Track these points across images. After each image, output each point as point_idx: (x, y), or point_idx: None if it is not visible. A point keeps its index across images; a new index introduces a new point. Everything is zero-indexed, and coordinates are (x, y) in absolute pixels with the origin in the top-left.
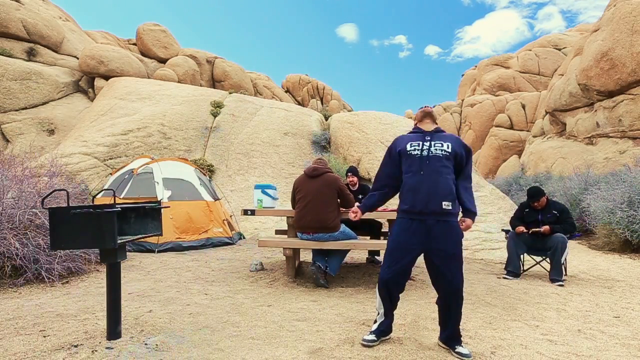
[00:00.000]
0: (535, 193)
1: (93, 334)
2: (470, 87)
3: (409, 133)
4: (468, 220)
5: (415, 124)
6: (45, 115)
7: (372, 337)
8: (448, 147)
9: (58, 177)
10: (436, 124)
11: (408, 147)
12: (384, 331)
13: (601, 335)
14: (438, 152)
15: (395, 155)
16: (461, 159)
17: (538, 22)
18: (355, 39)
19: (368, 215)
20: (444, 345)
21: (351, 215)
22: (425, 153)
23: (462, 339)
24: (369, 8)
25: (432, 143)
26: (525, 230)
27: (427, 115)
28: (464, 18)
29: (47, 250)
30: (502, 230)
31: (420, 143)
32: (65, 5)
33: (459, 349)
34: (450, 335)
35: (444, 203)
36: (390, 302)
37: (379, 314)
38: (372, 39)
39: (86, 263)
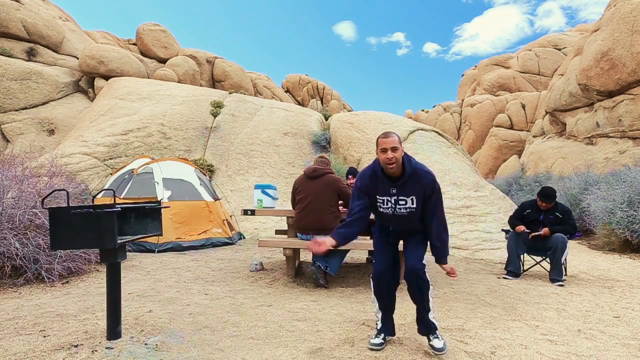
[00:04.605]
0: (551, 194)
1: (93, 334)
2: (470, 87)
3: (376, 174)
4: (448, 267)
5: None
6: (45, 115)
7: (379, 340)
8: (412, 203)
9: (58, 177)
10: (399, 153)
11: (377, 200)
12: (388, 331)
13: (601, 335)
14: (402, 211)
15: (365, 193)
16: (428, 200)
17: (538, 19)
18: (353, 37)
19: None
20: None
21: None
22: (393, 212)
23: (438, 331)
24: (366, 5)
25: (397, 200)
26: (525, 230)
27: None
28: (462, 15)
29: (47, 250)
30: (502, 230)
31: (386, 200)
32: (65, 5)
33: (433, 341)
34: (425, 325)
35: (414, 229)
36: (388, 298)
37: (378, 320)
38: (370, 36)
39: (86, 263)
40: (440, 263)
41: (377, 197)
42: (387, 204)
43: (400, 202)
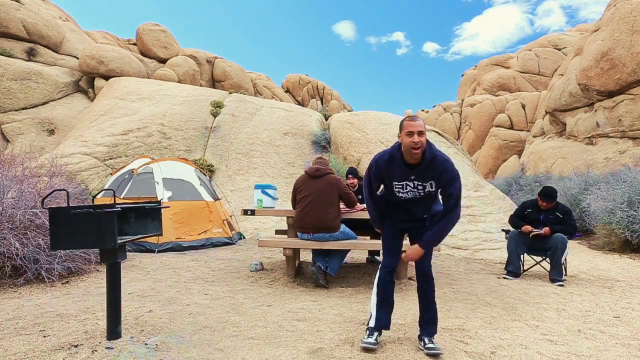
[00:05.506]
0: (552, 194)
1: (93, 334)
2: (470, 87)
3: (393, 159)
4: (415, 248)
5: (400, 144)
6: (45, 115)
7: (373, 339)
8: (431, 187)
9: (58, 177)
10: (424, 138)
11: (395, 186)
12: (382, 325)
13: (601, 335)
14: (421, 193)
15: (378, 180)
16: (445, 185)
17: (538, 18)
18: (352, 36)
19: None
20: (420, 346)
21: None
22: (409, 195)
23: (435, 334)
24: (366, 4)
25: (416, 184)
26: (531, 230)
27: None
28: (462, 15)
29: (47, 250)
30: (502, 230)
31: (405, 184)
32: (65, 5)
33: (429, 344)
34: (428, 321)
35: (424, 217)
36: (390, 293)
37: (372, 317)
38: (370, 36)
39: (86, 263)
40: (419, 244)
41: (395, 183)
42: (406, 188)
43: (419, 188)
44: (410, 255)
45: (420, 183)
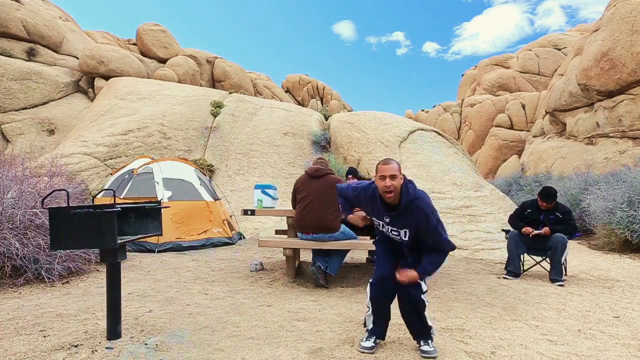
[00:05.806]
0: (552, 194)
1: (93, 334)
2: (470, 87)
3: (375, 196)
4: (411, 271)
5: (377, 182)
6: (45, 115)
7: (371, 343)
8: (405, 235)
9: (58, 177)
10: (397, 182)
11: (374, 220)
12: (379, 334)
13: (601, 335)
14: (396, 238)
15: (357, 203)
16: (425, 236)
17: (538, 18)
18: (352, 36)
19: None
20: (418, 347)
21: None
22: (385, 230)
23: (432, 336)
24: (366, 4)
25: (390, 228)
26: (532, 231)
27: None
28: (462, 14)
29: (47, 250)
30: (502, 230)
31: (382, 224)
32: (65, 5)
33: (424, 346)
34: (417, 333)
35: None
36: (384, 306)
37: (369, 322)
38: (369, 36)
39: (86, 263)
40: (416, 270)
41: (373, 218)
42: (382, 227)
43: (393, 232)
44: (403, 276)
45: (393, 228)
